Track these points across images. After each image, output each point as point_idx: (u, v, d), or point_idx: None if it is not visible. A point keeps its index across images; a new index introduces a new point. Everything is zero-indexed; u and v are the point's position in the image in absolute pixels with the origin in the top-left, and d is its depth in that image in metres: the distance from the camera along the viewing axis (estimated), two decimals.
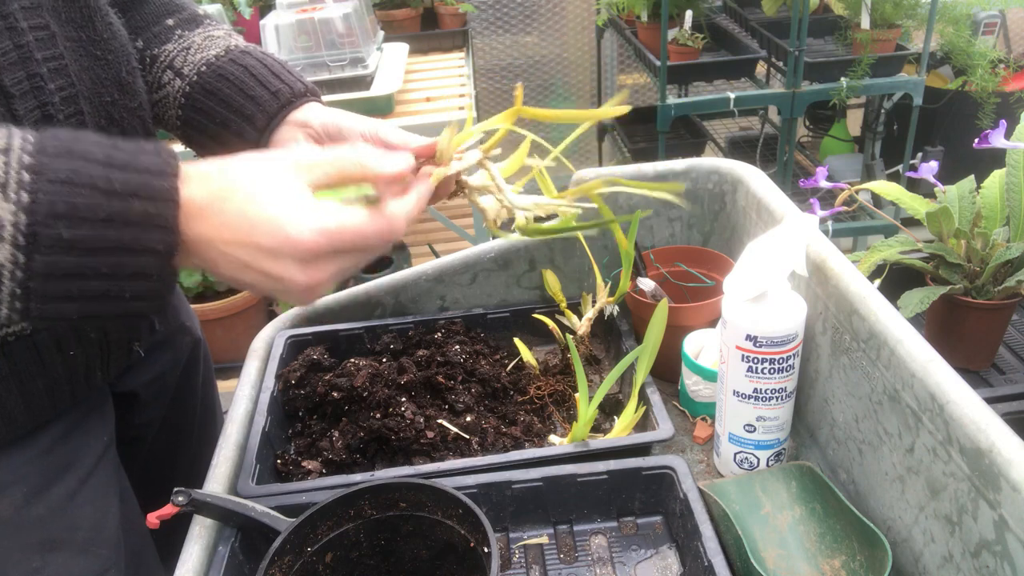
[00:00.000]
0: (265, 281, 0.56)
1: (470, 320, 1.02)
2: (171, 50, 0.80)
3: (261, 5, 2.50)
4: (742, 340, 0.75)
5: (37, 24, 0.64)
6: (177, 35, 0.81)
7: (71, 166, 0.50)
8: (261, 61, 0.79)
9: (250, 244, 0.55)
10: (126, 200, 0.51)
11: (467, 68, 2.42)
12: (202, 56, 0.79)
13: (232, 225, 0.55)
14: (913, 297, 0.89)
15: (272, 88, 0.77)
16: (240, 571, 0.69)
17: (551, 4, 3.42)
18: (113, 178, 0.51)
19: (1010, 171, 0.91)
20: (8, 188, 0.48)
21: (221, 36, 0.82)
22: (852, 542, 0.70)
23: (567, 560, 0.74)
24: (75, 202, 0.50)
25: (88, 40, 0.70)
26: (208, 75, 0.78)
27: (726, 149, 3.19)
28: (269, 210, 0.55)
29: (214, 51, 0.79)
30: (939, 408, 0.60)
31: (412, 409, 0.84)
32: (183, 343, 0.95)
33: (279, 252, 0.55)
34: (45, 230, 0.49)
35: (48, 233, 0.49)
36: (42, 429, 0.73)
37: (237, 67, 0.78)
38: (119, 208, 0.51)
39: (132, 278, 0.52)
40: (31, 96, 0.63)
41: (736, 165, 1.04)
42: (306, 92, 0.78)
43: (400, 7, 2.78)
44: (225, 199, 0.55)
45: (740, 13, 2.73)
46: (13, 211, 0.48)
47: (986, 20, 2.67)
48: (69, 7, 0.69)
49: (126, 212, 0.51)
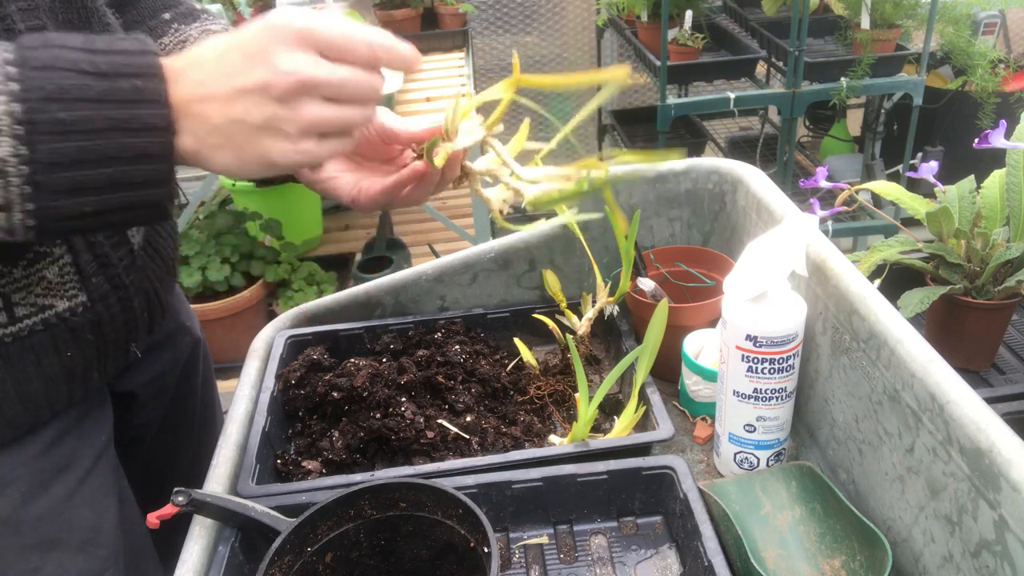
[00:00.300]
0: (254, 104, 0.53)
1: (470, 320, 1.02)
2: (167, 44, 0.79)
3: (261, 4, 2.50)
4: (742, 340, 0.75)
5: (34, 26, 0.64)
6: (173, 29, 0.80)
7: (52, 54, 0.50)
8: None
9: (235, 56, 0.53)
10: (114, 80, 0.51)
11: (467, 68, 2.42)
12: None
13: (216, 53, 0.54)
14: (913, 297, 0.89)
15: None
16: (240, 571, 0.69)
17: (551, 4, 3.42)
18: (97, 60, 0.51)
19: (1010, 171, 0.91)
20: None
21: (218, 31, 0.81)
22: (852, 542, 0.70)
23: (567, 560, 0.74)
24: (64, 84, 0.50)
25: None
26: None
27: (726, 149, 3.19)
28: (254, 23, 0.54)
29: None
30: (939, 408, 0.60)
31: (412, 409, 0.84)
32: (183, 343, 0.95)
33: (261, 45, 0.53)
34: (41, 115, 0.49)
35: (44, 118, 0.49)
36: (40, 429, 0.73)
37: None
38: (108, 87, 0.51)
39: (136, 160, 0.52)
40: None
41: (736, 165, 1.04)
42: None
43: (400, 7, 2.78)
44: (207, 46, 0.55)
45: (740, 13, 2.73)
46: (5, 101, 0.48)
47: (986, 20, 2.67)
48: (67, 8, 0.68)
49: (116, 90, 0.51)
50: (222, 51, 0.54)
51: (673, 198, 1.07)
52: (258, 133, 0.54)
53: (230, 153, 0.55)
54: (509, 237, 1.03)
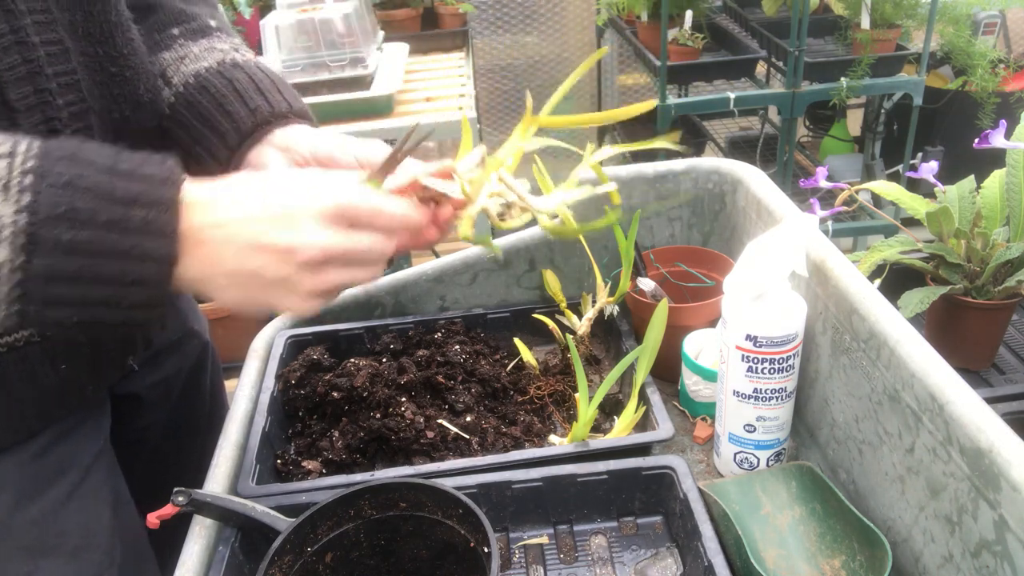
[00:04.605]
0: (274, 263, 0.54)
1: (470, 320, 1.02)
2: (167, 59, 0.77)
3: (261, 5, 2.50)
4: (742, 340, 0.75)
5: (50, 39, 0.63)
6: (179, 44, 0.78)
7: (74, 171, 0.50)
8: (250, 76, 0.75)
9: (262, 212, 0.53)
10: (127, 207, 0.51)
11: (467, 68, 2.41)
12: (194, 67, 0.76)
13: (242, 200, 0.54)
14: (913, 297, 0.89)
15: (251, 105, 0.72)
16: (240, 571, 0.69)
17: (551, 4, 3.41)
18: (116, 185, 0.51)
19: (1010, 171, 0.91)
20: (10, 189, 0.48)
21: (223, 49, 0.78)
22: (852, 542, 0.70)
23: (567, 560, 0.74)
24: (76, 205, 0.49)
25: (105, 56, 0.68)
26: (193, 87, 0.74)
27: (726, 149, 3.19)
28: (284, 179, 0.54)
29: (206, 63, 0.76)
30: (939, 408, 0.60)
31: (412, 409, 0.84)
32: (190, 347, 0.95)
33: (294, 211, 0.53)
34: (45, 231, 0.49)
35: (48, 234, 0.49)
36: (35, 433, 0.72)
37: (222, 80, 0.74)
38: (119, 215, 0.50)
39: (131, 285, 0.52)
40: (37, 111, 0.62)
41: (736, 165, 1.04)
42: (290, 113, 0.74)
43: (400, 7, 2.77)
44: (233, 186, 0.55)
45: (740, 13, 2.73)
46: (14, 211, 0.48)
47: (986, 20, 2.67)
48: (88, 22, 0.67)
49: (126, 219, 0.50)
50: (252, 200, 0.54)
51: (673, 198, 1.07)
52: (269, 287, 0.55)
53: (233, 293, 0.56)
54: (509, 237, 1.03)
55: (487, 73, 3.51)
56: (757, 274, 0.74)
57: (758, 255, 0.75)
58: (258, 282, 0.55)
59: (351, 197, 0.56)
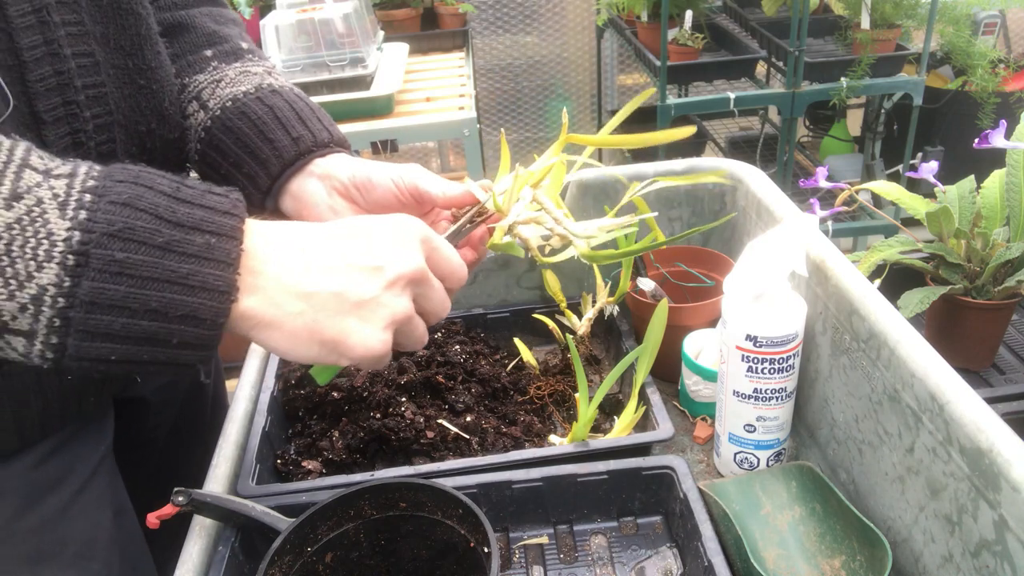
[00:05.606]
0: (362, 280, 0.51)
1: (470, 320, 1.02)
2: (201, 81, 0.76)
3: (261, 5, 2.50)
4: (742, 340, 0.75)
5: (81, 51, 0.62)
6: (212, 67, 0.76)
7: (135, 191, 0.47)
8: (290, 104, 0.73)
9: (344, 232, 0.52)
10: (188, 231, 0.48)
11: (467, 68, 2.42)
12: (230, 91, 0.74)
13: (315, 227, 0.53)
14: (913, 297, 0.89)
15: (294, 134, 0.71)
16: (240, 571, 0.69)
17: (551, 4, 3.42)
18: (177, 209, 0.48)
19: (1010, 171, 0.91)
20: (68, 207, 0.46)
21: (258, 73, 0.76)
22: (852, 542, 0.70)
23: (567, 560, 0.74)
24: (134, 224, 0.46)
25: (135, 68, 0.67)
26: (231, 111, 0.72)
27: (726, 149, 3.19)
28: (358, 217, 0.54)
29: (243, 87, 0.74)
30: (939, 408, 0.60)
31: (412, 409, 0.84)
32: None
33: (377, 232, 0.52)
34: (98, 250, 0.45)
35: (100, 253, 0.45)
36: (35, 442, 0.71)
37: (262, 107, 0.72)
38: (179, 237, 0.47)
39: (182, 320, 0.48)
40: (64, 123, 0.61)
41: (736, 165, 1.04)
42: (331, 142, 0.73)
43: (400, 7, 2.78)
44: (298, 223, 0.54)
45: (740, 13, 2.73)
46: (68, 228, 0.45)
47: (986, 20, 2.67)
48: (119, 35, 0.65)
49: (186, 242, 0.47)
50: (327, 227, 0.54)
51: (673, 198, 1.07)
52: (350, 311, 0.52)
53: (302, 323, 0.51)
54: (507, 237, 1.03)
55: (487, 73, 3.51)
56: (757, 274, 0.74)
57: (758, 255, 0.75)
58: (338, 305, 0.51)
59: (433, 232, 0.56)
